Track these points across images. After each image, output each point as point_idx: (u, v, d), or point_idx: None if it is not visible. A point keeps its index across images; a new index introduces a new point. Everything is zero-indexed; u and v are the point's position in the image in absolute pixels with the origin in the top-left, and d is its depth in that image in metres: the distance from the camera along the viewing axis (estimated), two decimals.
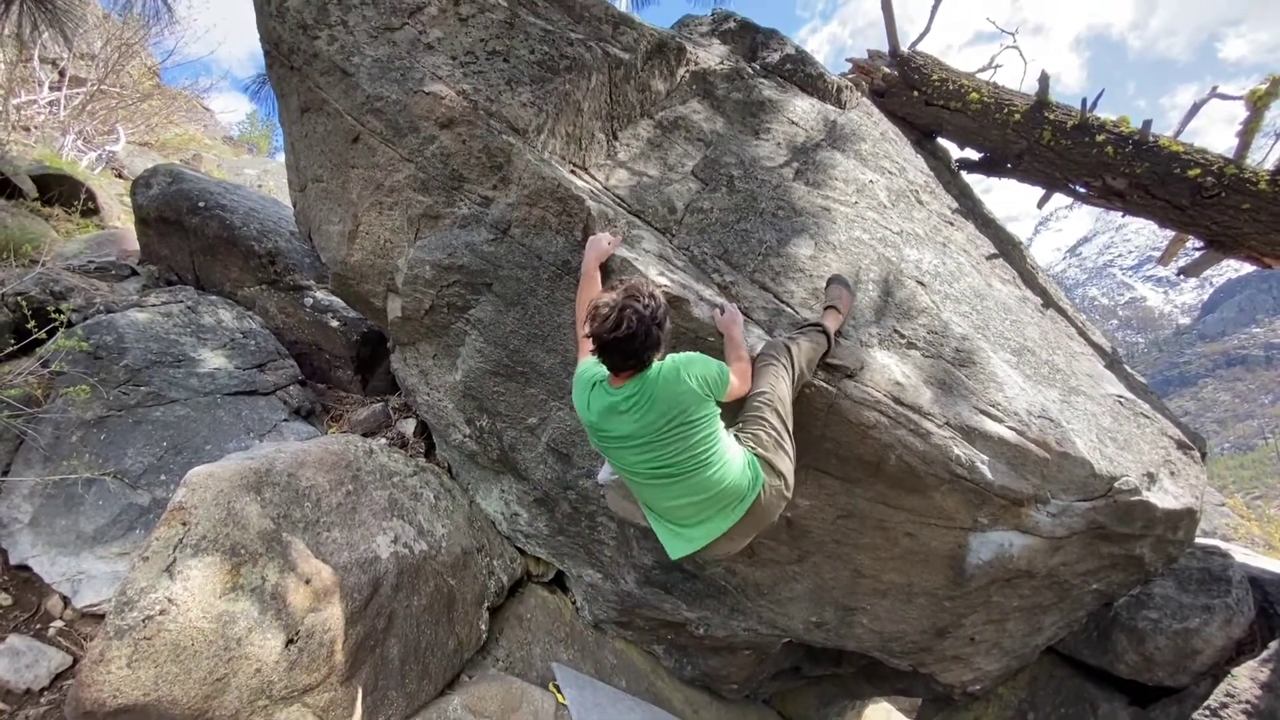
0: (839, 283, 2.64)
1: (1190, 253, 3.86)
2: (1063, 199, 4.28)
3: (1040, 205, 4.52)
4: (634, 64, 3.13)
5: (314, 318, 4.44)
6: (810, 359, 2.30)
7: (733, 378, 2.09)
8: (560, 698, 3.02)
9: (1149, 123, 3.69)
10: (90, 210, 5.91)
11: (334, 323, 4.40)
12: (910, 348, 2.68)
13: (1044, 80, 4.07)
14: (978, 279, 3.35)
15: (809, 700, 4.51)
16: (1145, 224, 3.92)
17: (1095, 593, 3.09)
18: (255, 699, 2.10)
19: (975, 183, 4.84)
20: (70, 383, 3.14)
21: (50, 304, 3.56)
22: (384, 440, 3.72)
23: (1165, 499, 2.80)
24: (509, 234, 2.71)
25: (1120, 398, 3.22)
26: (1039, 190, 4.32)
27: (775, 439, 2.08)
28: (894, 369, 2.53)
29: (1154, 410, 3.34)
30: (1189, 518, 2.93)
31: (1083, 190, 3.96)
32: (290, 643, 2.21)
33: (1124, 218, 4.04)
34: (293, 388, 3.96)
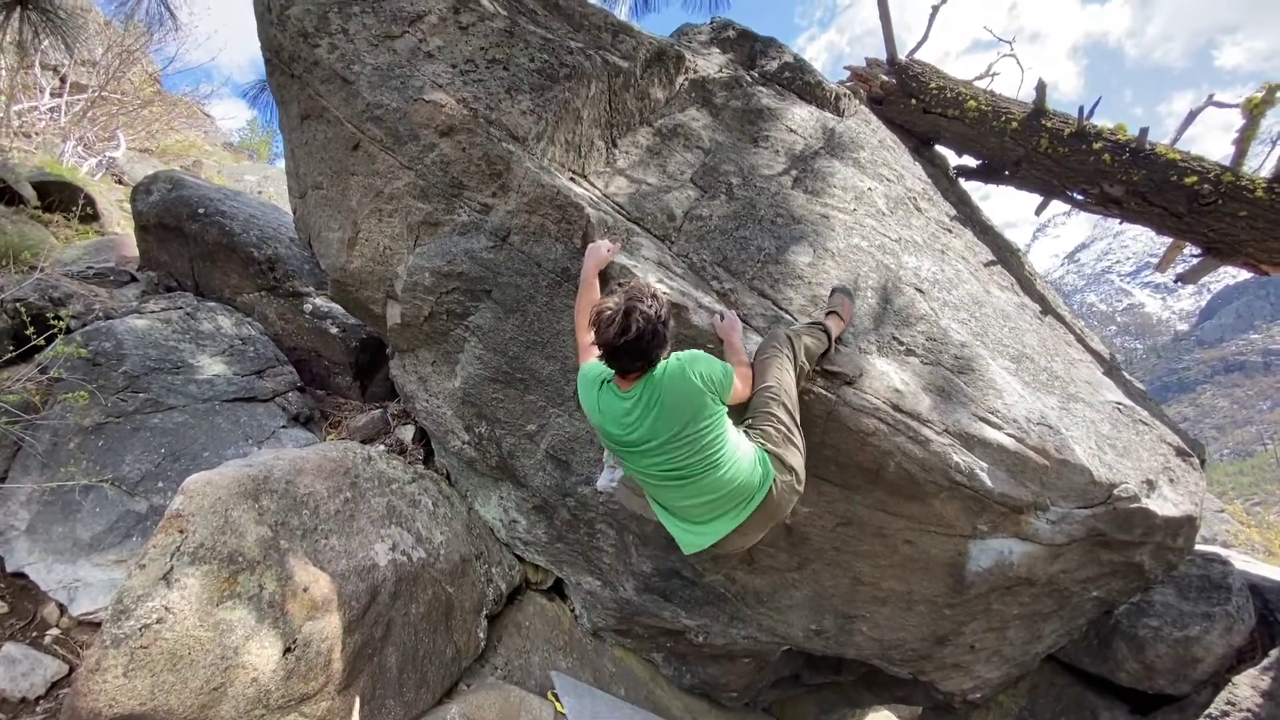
0: (841, 291, 2.67)
1: (1188, 259, 3.86)
2: (1061, 205, 4.30)
3: (1038, 212, 4.54)
4: (633, 72, 3.14)
5: (313, 324, 4.43)
6: (811, 354, 2.31)
7: (735, 381, 2.10)
8: (559, 706, 3.00)
9: (1145, 130, 3.71)
10: (90, 216, 5.91)
11: (333, 329, 4.40)
12: (909, 355, 2.68)
13: (1041, 88, 4.10)
14: (976, 286, 3.35)
15: (809, 708, 4.49)
16: (1143, 231, 3.94)
17: (1095, 600, 3.08)
18: (252, 708, 2.09)
19: (973, 190, 4.87)
20: (69, 389, 3.13)
21: (49, 310, 3.55)
22: (382, 447, 3.72)
23: (1165, 506, 2.80)
24: (508, 241, 2.72)
25: (1119, 404, 3.22)
26: (1037, 197, 4.34)
27: (784, 434, 2.10)
28: (893, 376, 2.53)
29: (1153, 417, 3.34)
30: (1189, 525, 2.93)
31: (1080, 197, 3.98)
32: (288, 651, 2.20)
33: (1121, 225, 4.05)
34: (291, 394, 3.96)
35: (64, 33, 3.20)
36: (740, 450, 2.02)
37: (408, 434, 3.91)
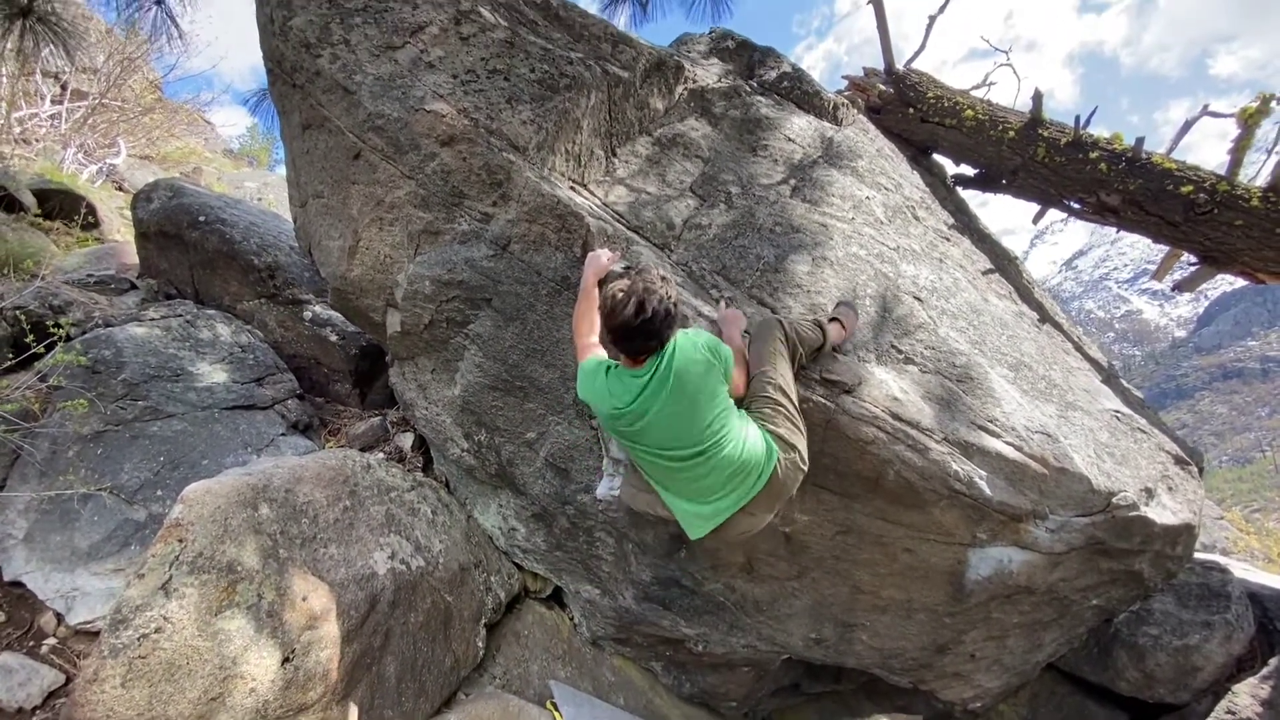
0: (846, 304, 2.71)
1: (1184, 268, 3.88)
2: (1058, 213, 4.32)
3: (1035, 220, 4.56)
4: (633, 82, 3.17)
5: (313, 332, 4.44)
6: (805, 343, 2.33)
7: (735, 370, 2.14)
8: (558, 715, 2.99)
9: (1141, 140, 3.73)
10: (90, 224, 5.93)
11: (333, 337, 4.41)
12: (908, 363, 2.69)
13: (1038, 98, 4.13)
14: (974, 294, 3.37)
15: (808, 717, 4.47)
16: (1140, 238, 3.95)
17: (1095, 609, 3.08)
18: (250, 719, 2.08)
19: (971, 197, 4.88)
20: (68, 397, 3.13)
21: (49, 318, 3.56)
22: (382, 455, 3.71)
23: (1163, 514, 2.80)
24: (508, 250, 2.73)
25: (1117, 413, 3.23)
26: (1035, 205, 4.36)
27: (785, 414, 2.14)
28: (892, 384, 2.54)
29: (1151, 425, 3.35)
30: (1187, 533, 2.93)
31: (1077, 206, 4.00)
32: (286, 661, 2.19)
33: (1119, 232, 4.07)
34: (291, 402, 3.96)
35: (66, 42, 3.22)
36: (746, 428, 2.08)
37: (407, 442, 3.91)
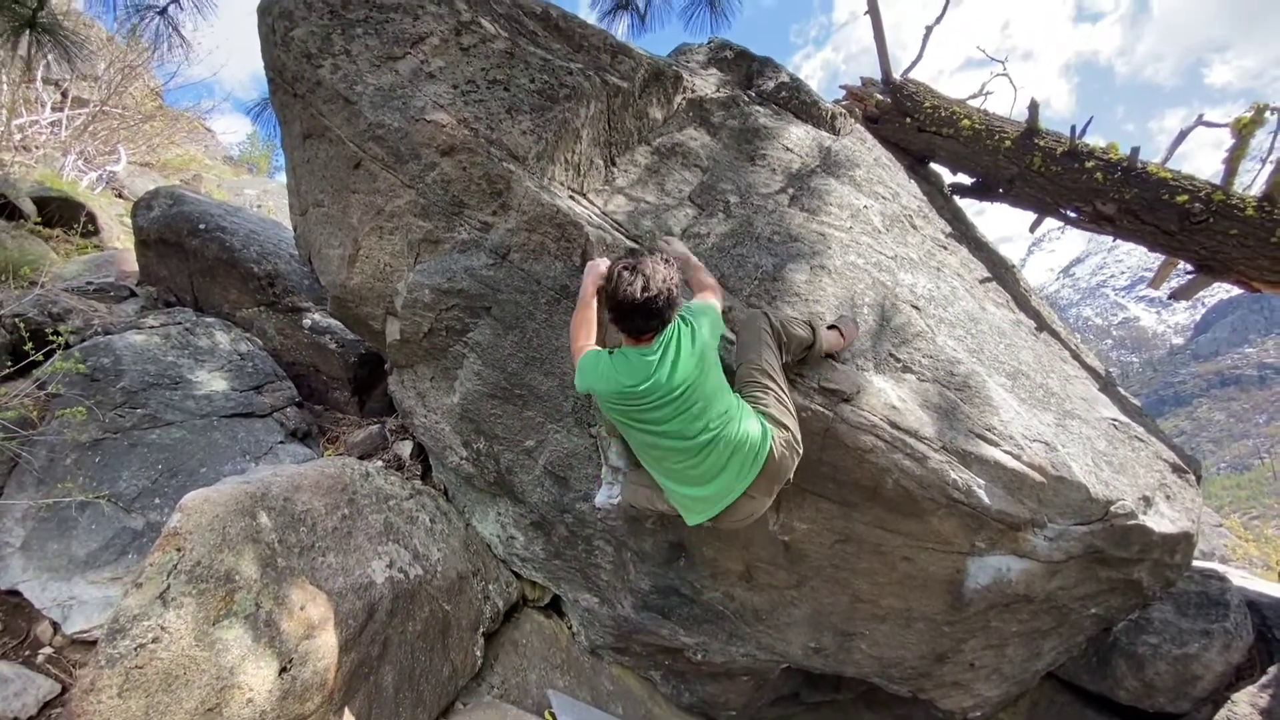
0: (848, 316, 2.75)
1: (1181, 276, 3.90)
2: (1055, 221, 4.34)
3: (1032, 229, 4.58)
4: (632, 92, 3.19)
5: (312, 339, 4.44)
6: (792, 336, 2.37)
7: (717, 303, 2.29)
8: None
9: (1137, 149, 3.76)
10: (90, 231, 5.93)
11: (332, 344, 4.41)
12: (906, 372, 2.70)
13: (1033, 108, 4.16)
14: (972, 303, 3.38)
15: None
16: (1137, 246, 3.97)
17: (1094, 617, 3.08)
18: None
19: (968, 206, 4.91)
20: (66, 405, 3.13)
21: (48, 326, 3.56)
22: (380, 463, 3.71)
23: (1162, 523, 2.81)
24: (508, 259, 2.74)
25: (1115, 421, 3.24)
26: (1031, 213, 4.38)
27: (775, 396, 2.20)
28: (890, 393, 2.55)
29: (1149, 433, 3.36)
30: (1186, 541, 2.93)
31: (1073, 215, 4.02)
32: (283, 671, 2.18)
33: (1116, 240, 4.09)
34: (289, 409, 3.96)
35: (70, 53, 3.24)
36: (741, 408, 2.14)
37: (406, 449, 3.91)
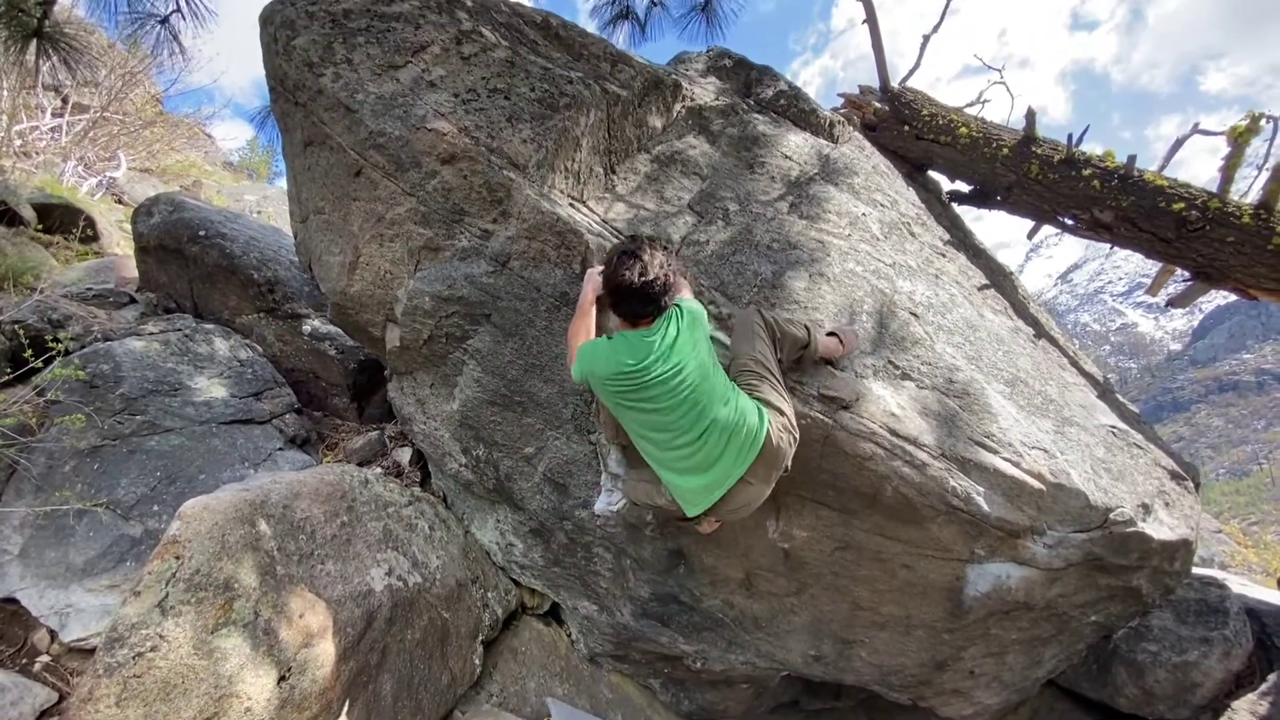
0: (849, 326, 2.76)
1: (1178, 283, 3.91)
2: (1052, 228, 4.36)
3: (1030, 236, 4.60)
4: (631, 100, 3.20)
5: (311, 346, 4.44)
6: (785, 332, 2.38)
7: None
8: None
9: (1133, 158, 3.78)
10: (90, 237, 5.93)
11: (331, 351, 4.41)
12: (905, 379, 2.70)
13: (1031, 116, 4.18)
14: (970, 310, 3.39)
15: None
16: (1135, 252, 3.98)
17: (1094, 625, 3.07)
18: None
19: (966, 213, 4.93)
20: (65, 411, 3.12)
21: (48, 332, 3.55)
22: (379, 469, 3.71)
23: (1161, 530, 2.81)
24: (508, 266, 2.74)
25: (1113, 428, 3.25)
26: (1029, 221, 4.40)
27: (770, 384, 2.22)
28: (889, 400, 2.55)
29: (1147, 440, 3.37)
30: (1185, 549, 2.93)
31: (1071, 223, 4.03)
32: (282, 680, 2.18)
33: (1113, 248, 4.11)
34: (289, 416, 3.95)
35: (74, 62, 3.25)
36: (739, 395, 2.16)
37: (405, 456, 3.91)
